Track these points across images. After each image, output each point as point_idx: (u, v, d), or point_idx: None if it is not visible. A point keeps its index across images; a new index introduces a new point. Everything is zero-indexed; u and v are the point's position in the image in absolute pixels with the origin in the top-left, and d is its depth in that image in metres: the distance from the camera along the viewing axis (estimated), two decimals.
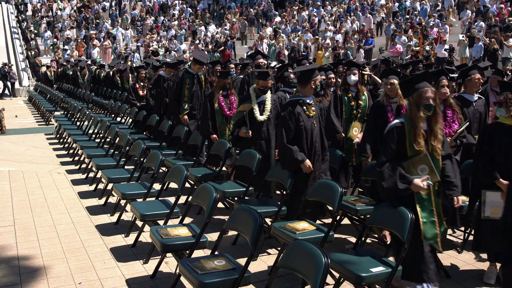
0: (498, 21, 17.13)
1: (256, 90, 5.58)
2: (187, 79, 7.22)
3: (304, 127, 4.65)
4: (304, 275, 2.86)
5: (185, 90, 7.20)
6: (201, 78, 7.35)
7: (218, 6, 29.18)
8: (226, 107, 6.36)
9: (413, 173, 3.54)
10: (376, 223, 3.73)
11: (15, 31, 27.91)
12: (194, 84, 7.25)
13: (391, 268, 3.26)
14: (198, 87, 7.34)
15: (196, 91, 7.28)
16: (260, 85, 5.56)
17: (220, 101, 6.32)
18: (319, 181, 4.27)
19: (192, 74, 7.26)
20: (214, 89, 6.41)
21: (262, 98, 5.55)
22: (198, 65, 7.26)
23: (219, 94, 6.33)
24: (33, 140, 10.83)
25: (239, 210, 3.67)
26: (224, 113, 6.34)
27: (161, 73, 8.68)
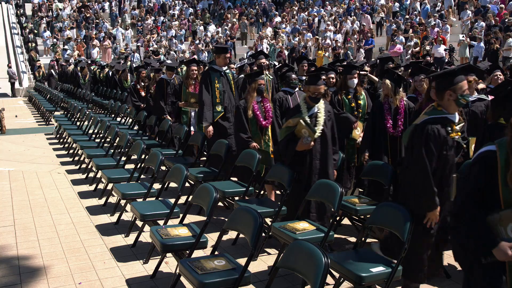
0: (499, 21, 17.13)
1: (307, 100, 4.57)
2: (214, 77, 6.37)
3: (447, 158, 3.56)
4: (304, 275, 2.86)
5: (216, 89, 6.34)
6: (229, 76, 6.57)
7: (218, 6, 29.18)
8: (261, 115, 5.49)
9: (500, 233, 2.39)
10: (376, 223, 3.73)
11: (15, 31, 27.91)
12: (225, 83, 6.46)
13: (391, 268, 3.26)
14: (228, 87, 6.52)
15: (226, 91, 6.46)
16: (311, 91, 4.51)
17: (255, 109, 5.43)
18: (319, 181, 4.26)
19: (219, 72, 6.43)
20: (247, 94, 5.54)
21: (313, 109, 4.55)
22: (223, 54, 6.40)
23: (253, 99, 5.44)
24: (33, 140, 10.82)
25: (239, 210, 3.67)
26: (259, 123, 5.47)
27: (163, 76, 8.42)
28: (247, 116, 5.38)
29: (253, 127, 5.46)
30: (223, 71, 6.47)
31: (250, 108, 5.41)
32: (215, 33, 24.73)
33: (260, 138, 5.51)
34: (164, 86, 8.20)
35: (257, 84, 5.46)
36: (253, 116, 5.42)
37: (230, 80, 6.54)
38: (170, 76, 8.33)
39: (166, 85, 8.20)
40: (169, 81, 8.25)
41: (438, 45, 16.79)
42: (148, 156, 5.73)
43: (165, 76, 8.37)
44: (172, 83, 8.26)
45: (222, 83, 6.39)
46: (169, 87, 8.22)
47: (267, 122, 5.52)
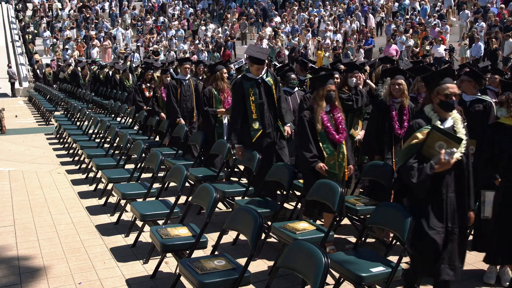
0: (498, 21, 17.14)
1: (437, 109, 3.42)
2: (249, 88, 5.27)
3: None
4: (304, 275, 2.86)
5: (250, 103, 5.26)
6: (269, 81, 5.36)
7: (218, 6, 29.19)
8: (332, 128, 4.50)
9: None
10: (376, 223, 3.73)
11: (15, 31, 27.92)
12: (263, 93, 5.32)
13: (391, 268, 3.26)
14: (266, 95, 5.35)
15: (264, 103, 5.32)
16: (442, 93, 3.37)
17: (324, 121, 4.47)
18: (319, 181, 4.25)
19: (255, 81, 5.31)
20: (313, 102, 4.58)
21: (448, 121, 3.41)
22: (256, 65, 5.28)
23: (321, 109, 4.48)
24: (33, 140, 10.82)
25: (239, 210, 3.68)
26: (331, 137, 4.48)
27: (178, 76, 7.79)
28: (314, 130, 4.44)
29: (325, 143, 4.47)
30: (260, 79, 5.33)
31: (318, 120, 4.44)
32: (215, 33, 24.74)
33: (335, 157, 4.50)
34: (178, 86, 7.56)
35: (326, 90, 4.48)
36: (323, 131, 4.46)
37: (270, 88, 5.36)
38: (186, 73, 7.60)
39: (180, 85, 7.57)
40: (183, 81, 7.60)
41: (438, 45, 16.80)
42: (148, 156, 5.73)
43: (181, 76, 7.68)
44: (187, 84, 7.61)
45: (259, 93, 5.31)
46: (183, 87, 7.56)
47: (341, 137, 4.51)
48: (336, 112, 4.58)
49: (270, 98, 5.36)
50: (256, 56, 5.26)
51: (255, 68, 5.29)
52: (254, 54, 5.27)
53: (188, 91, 7.57)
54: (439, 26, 18.56)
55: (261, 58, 5.25)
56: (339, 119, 4.56)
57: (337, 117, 4.56)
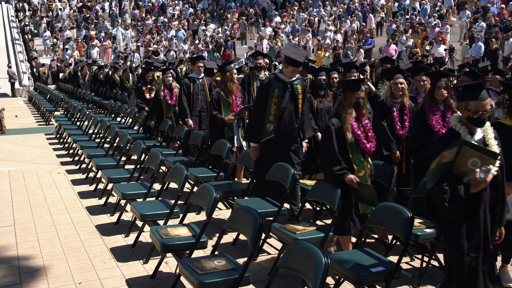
0: (498, 21, 17.15)
1: (465, 122, 3.07)
2: (275, 89, 4.93)
3: None
4: (304, 275, 2.86)
5: (272, 104, 4.92)
6: (297, 88, 5.00)
7: (218, 6, 29.19)
8: (363, 137, 4.18)
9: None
10: (376, 223, 3.73)
11: (15, 31, 27.93)
12: (289, 98, 4.95)
13: (391, 268, 3.26)
14: (291, 103, 4.96)
15: (287, 108, 4.95)
16: (472, 110, 3.02)
17: (355, 129, 4.14)
18: (319, 180, 4.25)
19: (284, 83, 4.94)
20: (340, 108, 4.22)
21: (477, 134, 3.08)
22: (292, 67, 4.88)
23: (351, 117, 4.14)
24: (33, 140, 10.82)
25: (239, 210, 3.67)
26: (362, 147, 4.16)
27: (192, 74, 7.53)
28: (343, 140, 4.08)
29: (355, 153, 4.13)
30: (290, 83, 4.97)
31: (348, 128, 4.09)
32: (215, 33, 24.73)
33: (364, 168, 4.18)
34: (191, 85, 7.28)
35: (356, 97, 4.15)
36: (353, 140, 4.12)
37: (297, 96, 4.99)
38: (199, 72, 7.28)
39: (193, 84, 7.28)
40: (196, 80, 7.32)
41: (438, 45, 16.80)
42: (148, 156, 5.73)
43: (194, 74, 7.42)
44: (200, 83, 7.34)
45: (284, 97, 4.93)
46: (196, 86, 7.26)
47: (371, 146, 4.22)
48: (363, 119, 4.27)
49: (295, 105, 4.99)
50: (293, 58, 4.87)
51: (290, 70, 4.93)
52: (290, 55, 4.91)
53: (202, 90, 7.34)
54: (439, 26, 18.56)
55: (298, 60, 4.87)
56: (367, 126, 4.27)
57: (365, 124, 4.26)
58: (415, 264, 4.29)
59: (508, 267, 4.13)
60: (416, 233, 3.86)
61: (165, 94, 8.17)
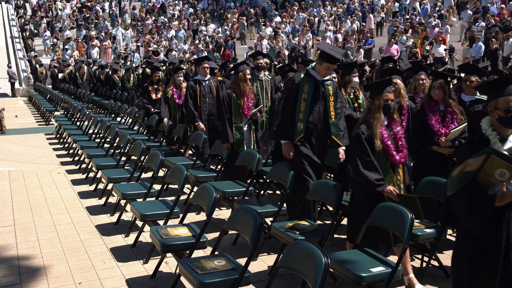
0: (498, 21, 17.15)
1: (495, 124, 2.74)
2: (305, 85, 4.65)
3: None
4: (304, 275, 2.86)
5: (301, 101, 4.63)
6: (329, 89, 4.71)
7: (218, 6, 29.20)
8: (392, 145, 3.85)
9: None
10: (376, 223, 3.72)
11: (15, 31, 27.93)
12: (318, 96, 4.66)
13: (391, 268, 3.26)
14: (322, 102, 4.69)
15: (316, 107, 4.67)
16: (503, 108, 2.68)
17: (384, 138, 3.82)
18: (320, 180, 4.25)
19: (315, 81, 4.66)
20: (368, 114, 3.91)
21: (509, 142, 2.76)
22: (327, 63, 4.60)
23: (380, 123, 3.82)
24: (33, 140, 10.83)
25: (239, 210, 3.67)
26: (391, 158, 3.83)
27: (198, 77, 7.30)
28: (373, 148, 3.79)
29: (383, 163, 3.82)
30: (322, 81, 4.69)
31: (377, 136, 3.78)
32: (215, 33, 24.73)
33: (392, 178, 3.86)
34: (197, 88, 7.05)
35: (383, 100, 3.84)
36: (382, 149, 3.80)
37: (328, 96, 4.70)
38: (205, 73, 7.09)
39: (199, 86, 7.06)
40: (202, 82, 7.09)
41: (438, 45, 16.80)
42: (148, 156, 5.73)
43: (200, 76, 7.20)
44: (207, 85, 7.12)
45: (314, 95, 4.65)
46: (202, 88, 7.05)
47: (401, 157, 3.86)
48: (395, 125, 3.92)
49: (324, 107, 4.69)
50: (330, 53, 4.54)
51: (324, 66, 4.61)
52: (327, 51, 4.57)
53: (210, 92, 7.09)
54: (439, 26, 18.57)
55: (335, 56, 4.56)
56: (399, 134, 3.90)
57: (397, 132, 3.91)
58: (415, 264, 4.29)
59: None
60: (416, 233, 3.87)
61: (173, 92, 7.93)
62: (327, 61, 4.58)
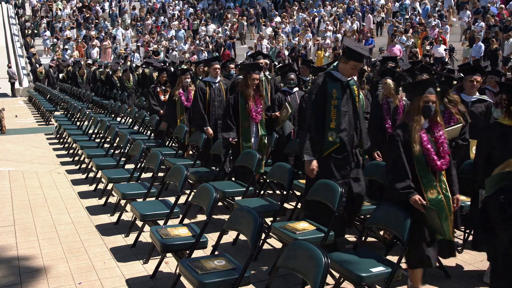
0: (498, 21, 17.15)
1: None
2: (333, 90, 4.20)
3: None
4: (304, 275, 2.87)
5: (331, 107, 4.17)
6: (354, 89, 4.31)
7: (218, 6, 29.20)
8: (433, 152, 3.54)
9: None
10: (376, 223, 3.73)
11: (15, 31, 27.93)
12: (347, 100, 4.25)
13: (391, 268, 3.26)
14: (351, 104, 4.28)
15: (348, 112, 4.24)
16: None
17: (424, 142, 3.53)
18: (320, 180, 4.23)
19: (341, 83, 4.24)
20: (407, 117, 3.64)
21: None
22: (353, 62, 4.17)
23: (420, 126, 3.54)
24: (33, 140, 10.82)
25: (239, 210, 3.68)
26: (432, 163, 3.53)
27: (207, 78, 6.93)
28: (409, 153, 3.50)
29: (423, 170, 3.51)
30: (346, 82, 4.27)
31: (416, 140, 3.49)
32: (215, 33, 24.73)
33: (435, 186, 3.54)
34: (206, 90, 6.70)
35: (424, 101, 3.54)
36: (422, 154, 3.50)
37: (355, 96, 4.29)
38: (216, 75, 6.73)
39: (209, 89, 6.72)
40: (213, 84, 6.74)
41: (438, 45, 16.80)
42: (148, 156, 5.73)
43: (210, 78, 6.83)
44: (217, 87, 6.77)
45: (344, 99, 4.21)
46: (212, 91, 6.70)
47: (443, 163, 3.55)
48: (437, 129, 3.61)
49: (353, 109, 4.28)
50: (356, 50, 4.14)
51: (350, 65, 4.17)
52: (353, 48, 4.17)
53: (219, 95, 6.71)
54: (439, 26, 18.57)
55: (363, 53, 4.17)
56: (441, 139, 3.59)
57: (439, 137, 3.59)
58: None
59: None
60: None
61: (180, 94, 7.61)
62: (353, 59, 4.15)
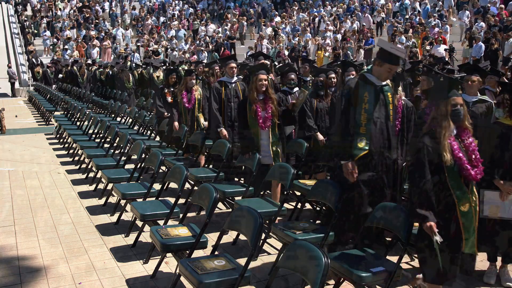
0: (498, 21, 17.15)
1: None
2: (364, 93, 3.95)
3: None
4: (304, 275, 2.86)
5: (362, 112, 3.93)
6: (388, 95, 4.02)
7: (218, 6, 29.20)
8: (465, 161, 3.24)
9: None
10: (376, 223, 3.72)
11: (15, 31, 27.93)
12: (380, 105, 3.98)
13: (391, 268, 3.26)
14: (383, 111, 4.00)
15: (379, 118, 3.97)
16: None
17: (455, 150, 3.22)
18: (320, 180, 4.24)
19: (375, 87, 3.98)
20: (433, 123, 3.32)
21: None
22: (389, 64, 3.93)
23: (447, 133, 3.24)
24: (33, 140, 10.82)
25: (239, 210, 3.67)
26: (465, 173, 3.23)
27: (223, 78, 6.58)
28: (440, 164, 3.21)
29: (455, 181, 3.21)
30: (380, 86, 4.00)
31: (446, 148, 3.19)
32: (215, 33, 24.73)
33: (468, 198, 3.25)
34: (222, 90, 6.34)
35: (451, 105, 3.26)
36: (454, 163, 3.20)
37: (388, 103, 4.00)
38: (232, 74, 6.37)
39: (224, 89, 6.35)
40: (229, 84, 6.36)
41: (438, 45, 16.80)
42: (148, 156, 5.73)
43: (226, 78, 6.47)
44: (233, 88, 6.41)
45: (376, 104, 3.94)
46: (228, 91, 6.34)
47: (476, 172, 3.25)
48: (465, 135, 3.31)
49: (386, 116, 3.99)
50: (391, 52, 3.89)
51: (386, 68, 3.92)
52: (389, 50, 3.93)
53: (235, 96, 6.38)
54: (439, 26, 18.57)
55: (399, 55, 3.93)
56: (472, 146, 3.28)
57: (469, 144, 3.28)
58: (415, 264, 4.29)
59: (508, 267, 4.13)
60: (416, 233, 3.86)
61: (183, 96, 7.31)
62: (389, 62, 3.91)
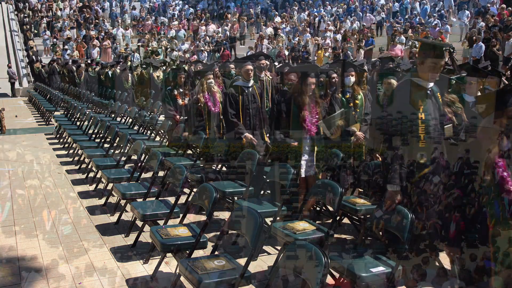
0: (498, 21, 17.15)
1: None
2: (419, 101, 3.49)
3: None
4: (304, 275, 2.86)
5: (419, 124, 3.47)
6: (438, 96, 3.58)
7: (218, 6, 29.21)
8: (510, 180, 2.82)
9: None
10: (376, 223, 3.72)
11: (15, 31, 27.92)
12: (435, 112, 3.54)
13: (391, 268, 3.26)
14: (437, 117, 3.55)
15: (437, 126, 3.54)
16: None
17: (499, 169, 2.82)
18: (320, 180, 4.25)
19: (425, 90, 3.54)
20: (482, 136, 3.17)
21: None
22: (431, 58, 3.42)
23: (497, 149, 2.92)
24: (33, 140, 10.82)
25: (239, 210, 3.68)
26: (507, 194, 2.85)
27: (239, 82, 5.94)
28: None
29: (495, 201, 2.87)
30: (431, 89, 3.54)
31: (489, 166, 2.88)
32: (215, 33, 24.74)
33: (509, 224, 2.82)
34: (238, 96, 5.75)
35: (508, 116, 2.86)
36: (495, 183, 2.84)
37: (439, 104, 3.56)
38: (248, 77, 5.79)
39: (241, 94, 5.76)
40: (245, 88, 5.80)
41: None
42: (148, 156, 5.73)
43: (242, 82, 5.86)
44: (250, 93, 5.82)
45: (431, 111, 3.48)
46: (245, 96, 5.75)
47: None
48: None
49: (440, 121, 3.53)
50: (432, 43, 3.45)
51: (429, 63, 3.37)
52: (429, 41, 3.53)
53: (254, 102, 5.81)
54: (439, 26, 18.58)
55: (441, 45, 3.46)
56: None
57: None
58: None
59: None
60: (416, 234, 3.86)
61: (206, 99, 6.65)
62: (430, 56, 3.39)
